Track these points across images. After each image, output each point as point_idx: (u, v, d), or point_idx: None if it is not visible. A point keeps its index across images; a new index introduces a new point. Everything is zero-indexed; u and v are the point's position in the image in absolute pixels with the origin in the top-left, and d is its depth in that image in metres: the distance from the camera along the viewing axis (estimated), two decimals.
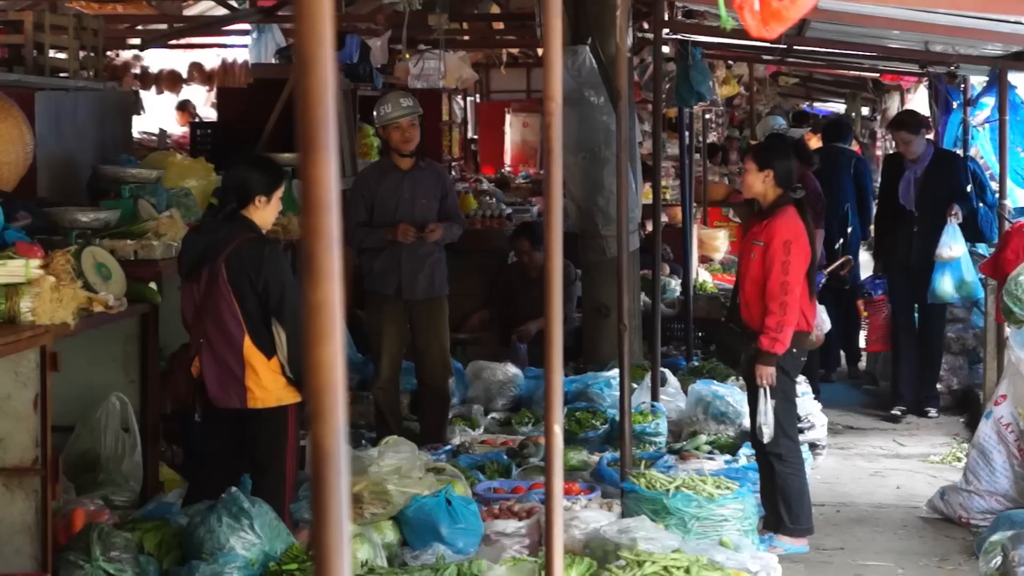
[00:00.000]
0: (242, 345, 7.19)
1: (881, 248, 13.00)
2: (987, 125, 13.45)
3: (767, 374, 8.22)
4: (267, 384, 7.20)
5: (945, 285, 11.93)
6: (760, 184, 8.40)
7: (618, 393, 8.74)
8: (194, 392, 7.28)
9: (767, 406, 8.25)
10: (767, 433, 8.28)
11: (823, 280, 11.89)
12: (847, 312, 13.96)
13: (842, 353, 14.28)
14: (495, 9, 15.77)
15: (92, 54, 9.46)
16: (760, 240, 8.32)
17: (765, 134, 14.05)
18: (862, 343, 14.34)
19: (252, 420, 7.29)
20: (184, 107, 19.25)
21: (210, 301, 7.22)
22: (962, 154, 13.65)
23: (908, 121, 12.53)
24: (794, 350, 8.31)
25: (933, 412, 12.38)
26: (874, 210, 13.84)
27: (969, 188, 12.48)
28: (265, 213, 7.39)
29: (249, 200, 7.32)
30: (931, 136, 14.13)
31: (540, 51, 17.75)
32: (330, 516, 2.18)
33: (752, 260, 8.35)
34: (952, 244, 11.84)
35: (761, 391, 8.25)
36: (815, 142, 16.05)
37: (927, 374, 12.50)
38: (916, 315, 12.53)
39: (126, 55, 17.92)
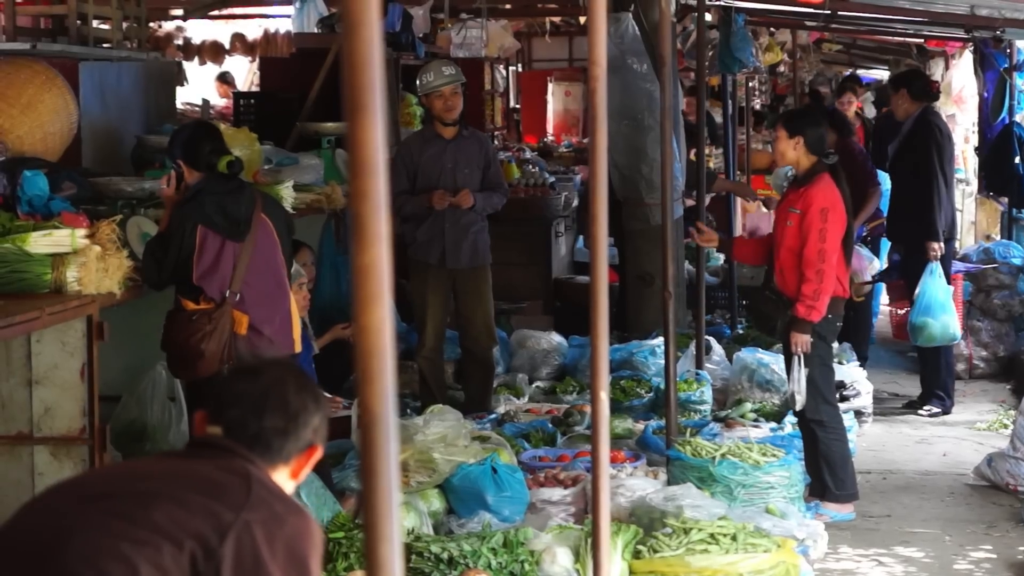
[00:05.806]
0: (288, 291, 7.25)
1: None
2: None
3: (802, 341, 8.18)
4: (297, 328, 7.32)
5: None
6: (791, 151, 8.34)
7: (662, 361, 8.72)
8: (232, 349, 6.97)
9: (800, 374, 8.21)
10: (799, 400, 8.26)
11: (863, 233, 11.68)
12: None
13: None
14: None
15: (135, 24, 9.49)
16: (796, 208, 8.27)
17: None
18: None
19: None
20: (223, 78, 19.27)
21: (261, 254, 7.05)
22: (1008, 120, 13.52)
23: (893, 78, 11.72)
24: (829, 316, 8.27)
25: (935, 409, 11.27)
26: None
27: (1018, 160, 12.34)
28: None
29: None
30: (978, 104, 13.98)
31: (582, 19, 17.73)
32: (380, 479, 2.18)
33: (788, 228, 8.30)
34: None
35: (795, 359, 8.22)
36: (868, 108, 15.88)
37: (927, 370, 11.49)
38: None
39: (168, 26, 17.96)
